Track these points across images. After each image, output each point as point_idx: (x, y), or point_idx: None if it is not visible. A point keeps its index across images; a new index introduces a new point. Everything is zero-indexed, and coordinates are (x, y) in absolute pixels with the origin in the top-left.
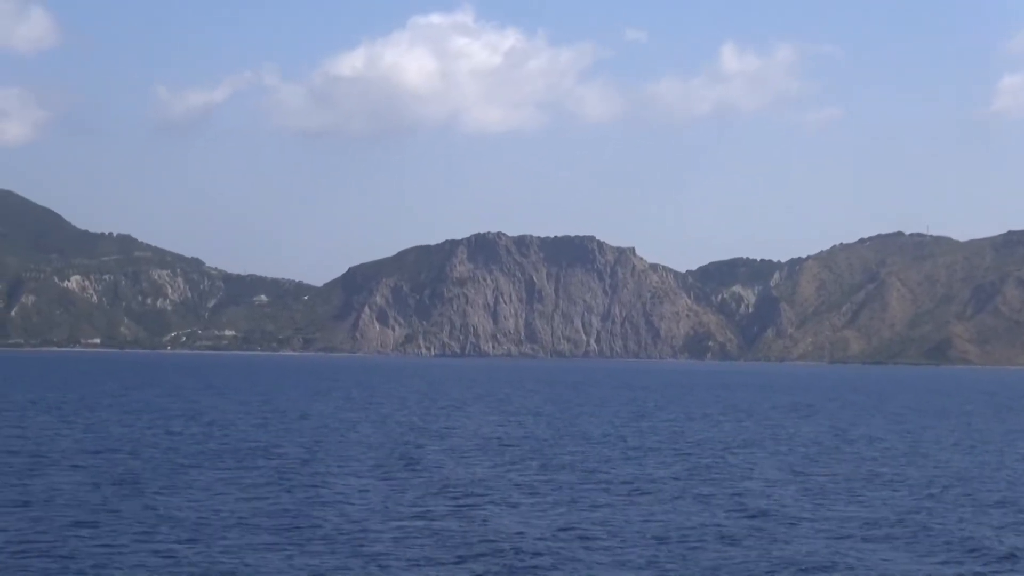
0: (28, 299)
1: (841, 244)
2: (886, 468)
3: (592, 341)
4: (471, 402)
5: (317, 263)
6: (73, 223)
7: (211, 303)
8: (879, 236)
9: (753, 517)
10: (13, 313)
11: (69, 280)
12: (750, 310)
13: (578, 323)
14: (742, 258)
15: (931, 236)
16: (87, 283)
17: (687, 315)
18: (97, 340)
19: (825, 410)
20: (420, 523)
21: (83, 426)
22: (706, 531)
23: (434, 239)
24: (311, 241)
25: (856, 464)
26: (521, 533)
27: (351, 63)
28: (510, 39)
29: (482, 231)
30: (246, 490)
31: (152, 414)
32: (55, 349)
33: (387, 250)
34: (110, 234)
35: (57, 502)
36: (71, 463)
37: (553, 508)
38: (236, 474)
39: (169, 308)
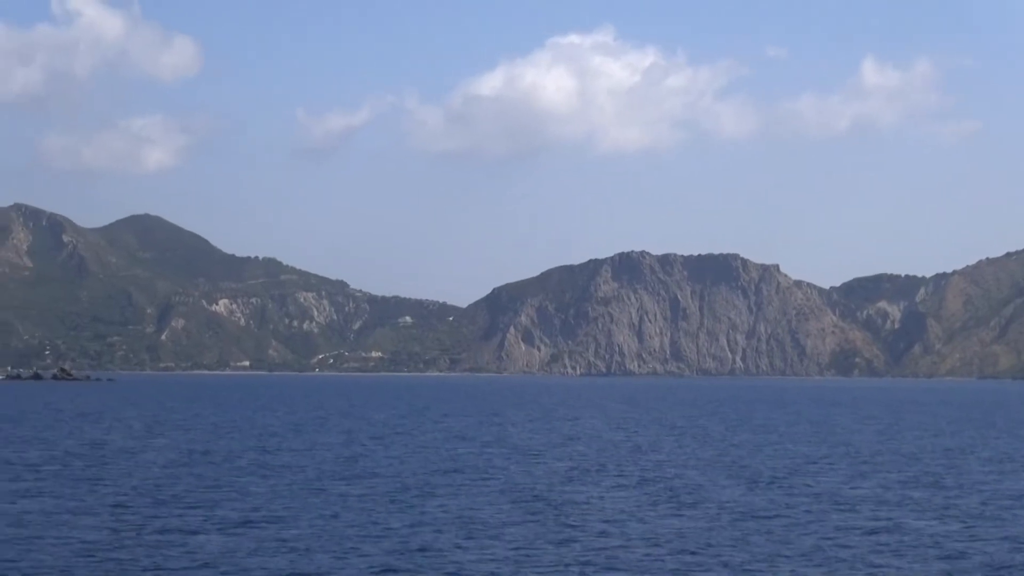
0: (178, 323)
1: (987, 258)
2: None
3: (738, 359)
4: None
5: (461, 284)
6: (219, 247)
7: (356, 325)
8: None
9: None
10: (164, 337)
11: (217, 304)
12: (896, 326)
13: (723, 341)
14: (886, 274)
15: None
16: (235, 307)
17: (833, 332)
18: (246, 363)
19: None
20: None
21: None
22: None
23: (577, 259)
24: (454, 262)
25: None
26: None
27: (489, 84)
28: (649, 58)
29: (625, 250)
30: None
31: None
32: (205, 372)
33: (531, 270)
34: (256, 258)
35: None
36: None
37: None
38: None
39: (315, 330)
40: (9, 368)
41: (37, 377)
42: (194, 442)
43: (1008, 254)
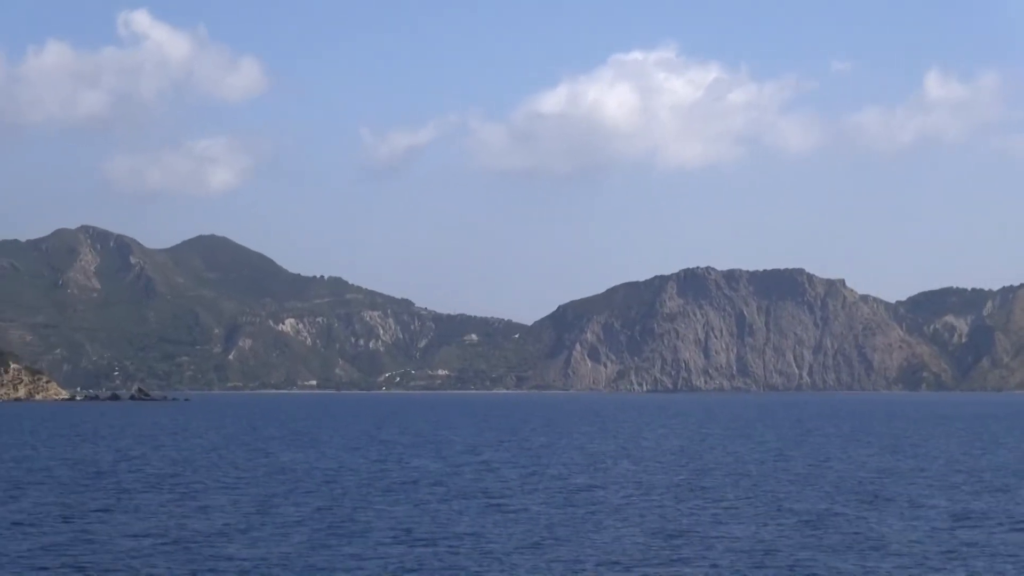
0: (245, 343)
1: None
2: None
3: (804, 374)
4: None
5: (526, 301)
6: (285, 267)
7: (422, 343)
8: None
9: None
10: (231, 357)
11: (284, 323)
12: (963, 340)
13: (790, 356)
14: (952, 287)
15: None
16: (301, 326)
17: (900, 346)
18: (313, 382)
19: None
20: None
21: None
22: None
23: (643, 275)
24: (519, 279)
25: None
26: None
27: (552, 101)
28: (712, 73)
29: (690, 266)
30: None
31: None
32: (273, 391)
33: (596, 287)
34: (321, 277)
35: None
36: None
37: None
38: None
39: (381, 349)
40: (79, 388)
41: (115, 398)
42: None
43: None
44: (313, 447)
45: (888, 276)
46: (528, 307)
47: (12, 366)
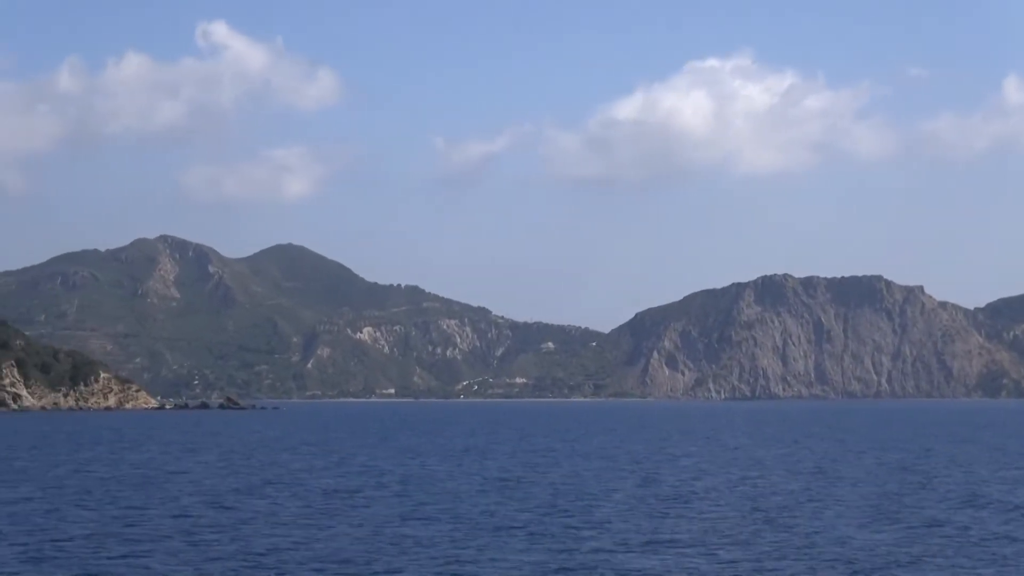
0: (323, 351)
1: None
2: None
3: (883, 381)
4: None
5: (602, 309)
6: (362, 276)
7: (499, 351)
8: None
9: None
10: (310, 365)
11: (361, 332)
12: None
13: (868, 363)
14: None
15: None
16: (379, 334)
17: (979, 353)
18: (392, 390)
19: None
20: None
21: None
22: None
23: (720, 283)
24: (595, 287)
25: None
26: None
27: (627, 108)
28: (787, 80)
29: (767, 273)
30: None
31: None
32: (352, 400)
33: (673, 295)
34: (398, 286)
35: None
36: None
37: None
38: None
39: (459, 357)
40: (167, 397)
41: (204, 406)
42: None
43: None
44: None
45: (966, 282)
46: (605, 315)
47: (102, 375)
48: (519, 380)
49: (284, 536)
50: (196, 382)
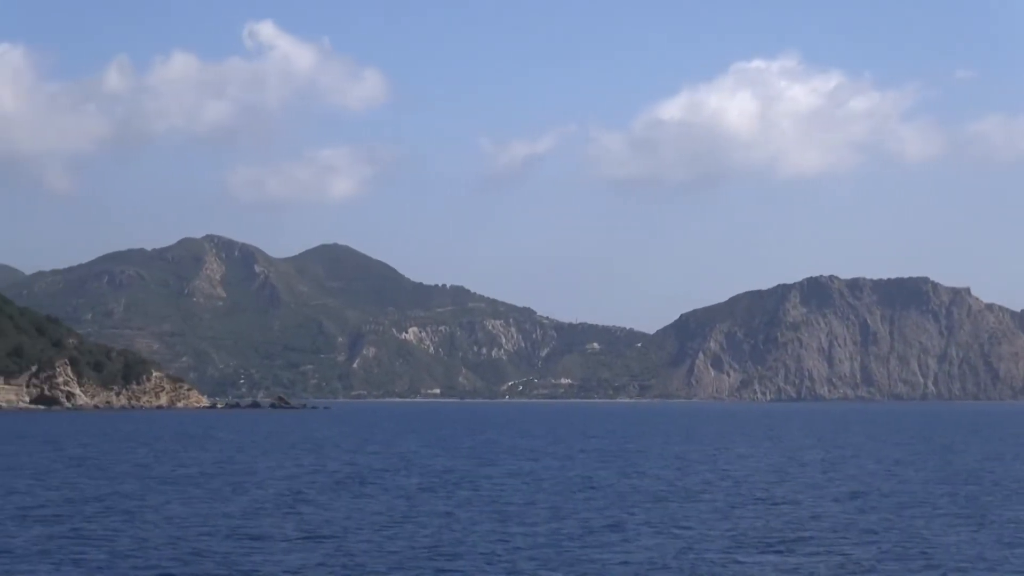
0: (369, 351)
1: None
2: None
3: (929, 383)
4: None
5: (648, 310)
6: (407, 276)
7: (544, 352)
8: None
9: None
10: (355, 365)
11: (407, 332)
12: None
13: (914, 365)
14: None
15: None
16: (424, 335)
17: None
18: (437, 390)
19: None
20: None
21: None
22: None
23: (765, 284)
24: (640, 288)
25: None
26: None
27: (672, 109)
28: (833, 81)
29: (813, 274)
30: None
31: None
32: (397, 400)
33: (718, 296)
34: (444, 286)
35: None
36: None
37: None
38: None
39: (504, 358)
40: (216, 397)
41: (255, 405)
42: None
43: None
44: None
45: (1013, 284)
46: (650, 316)
47: (155, 374)
48: (564, 381)
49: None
50: (242, 381)
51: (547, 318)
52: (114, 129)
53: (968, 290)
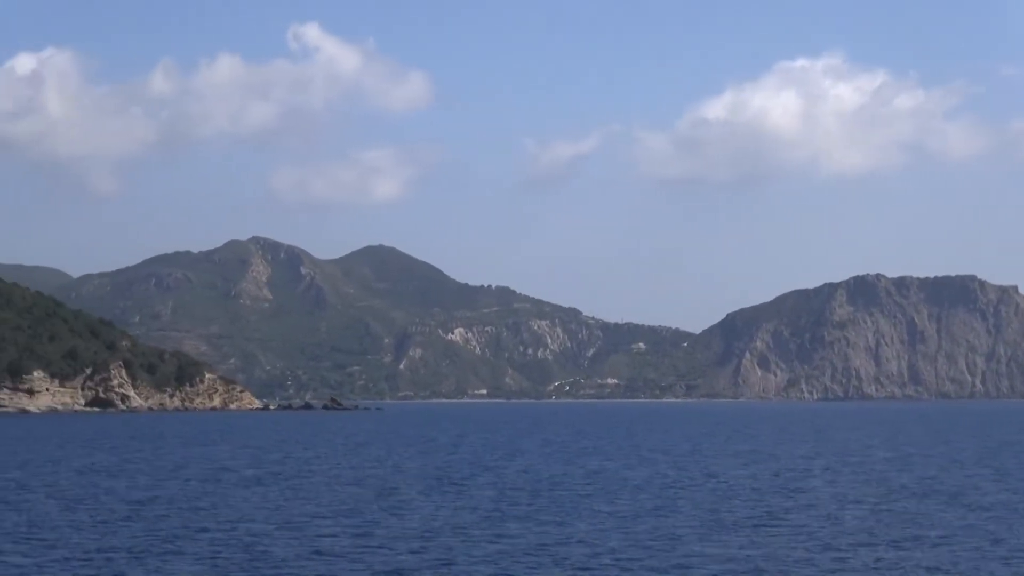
0: (415, 352)
1: None
2: None
3: (977, 382)
4: None
5: (693, 310)
6: (452, 277)
7: (590, 352)
8: None
9: None
10: (402, 366)
11: (453, 333)
12: None
13: (962, 364)
14: None
15: None
16: (470, 335)
17: None
18: (484, 391)
19: None
20: None
21: None
22: None
23: (811, 283)
24: (686, 288)
25: None
26: None
27: (716, 109)
28: (878, 80)
29: (859, 273)
30: None
31: None
32: (444, 400)
33: (764, 295)
34: (489, 287)
35: None
36: None
37: None
38: None
39: (550, 358)
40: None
41: (308, 407)
42: None
43: None
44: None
45: None
46: (696, 315)
47: (208, 376)
48: (610, 381)
49: None
50: (289, 383)
51: (593, 318)
52: (160, 132)
53: (1016, 288)
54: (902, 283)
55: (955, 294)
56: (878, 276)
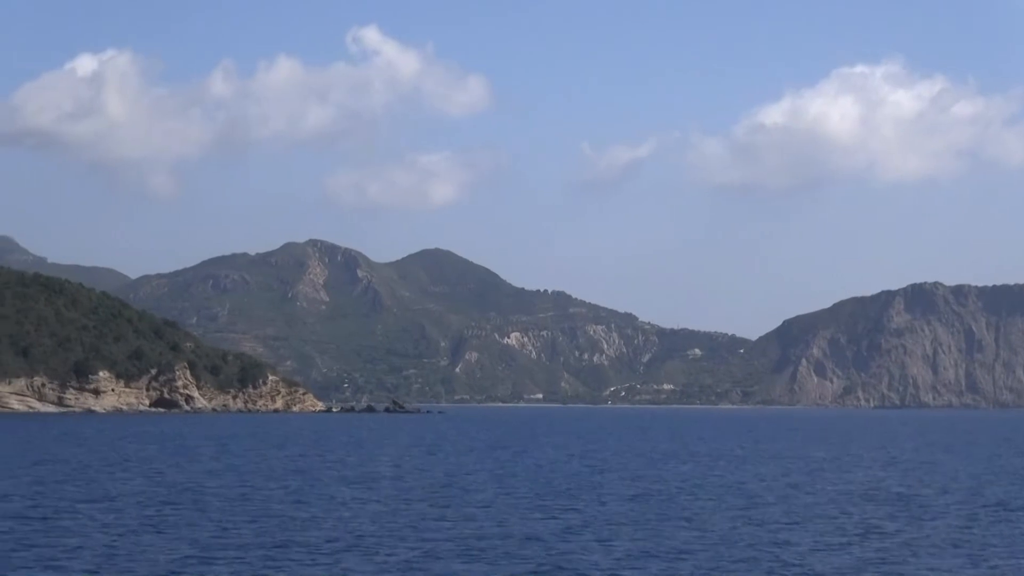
0: (471, 356)
1: None
2: None
3: None
4: None
5: (749, 316)
6: (508, 281)
7: (646, 357)
8: None
9: None
10: (458, 370)
11: (509, 337)
12: None
13: (1020, 373)
14: None
15: None
16: (526, 340)
17: None
18: (540, 395)
19: None
20: None
21: None
22: None
23: (869, 290)
24: (742, 294)
25: None
26: None
27: (774, 114)
28: (937, 86)
29: (917, 281)
30: None
31: None
32: (500, 404)
33: (821, 302)
34: (545, 291)
35: None
36: None
37: None
38: None
39: (605, 363)
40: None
41: (370, 410)
42: None
43: None
44: None
45: None
46: (752, 322)
47: (271, 378)
48: (667, 387)
49: None
50: (346, 385)
51: (648, 323)
52: (218, 134)
53: None
54: (960, 291)
55: (1013, 303)
56: (936, 284)
